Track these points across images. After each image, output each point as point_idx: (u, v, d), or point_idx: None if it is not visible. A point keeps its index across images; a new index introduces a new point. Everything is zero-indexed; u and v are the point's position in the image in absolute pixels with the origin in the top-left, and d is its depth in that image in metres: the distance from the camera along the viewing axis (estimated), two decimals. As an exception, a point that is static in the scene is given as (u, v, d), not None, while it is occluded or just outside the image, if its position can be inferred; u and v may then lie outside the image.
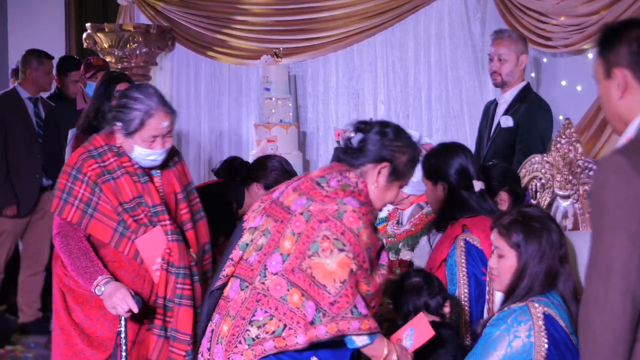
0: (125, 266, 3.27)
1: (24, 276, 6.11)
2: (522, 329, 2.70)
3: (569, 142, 3.64)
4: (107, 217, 3.23)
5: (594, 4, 5.00)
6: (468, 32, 6.31)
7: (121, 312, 3.12)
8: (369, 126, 2.80)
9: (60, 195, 3.26)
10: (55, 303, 3.36)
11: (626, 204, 1.96)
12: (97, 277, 3.15)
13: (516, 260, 2.81)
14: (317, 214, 2.59)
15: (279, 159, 4.23)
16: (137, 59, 7.51)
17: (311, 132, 7.22)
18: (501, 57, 4.66)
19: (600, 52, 2.16)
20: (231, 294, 2.70)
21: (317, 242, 2.56)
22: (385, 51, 6.80)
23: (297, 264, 2.57)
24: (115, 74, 4.75)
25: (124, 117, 3.25)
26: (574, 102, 5.25)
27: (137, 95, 3.27)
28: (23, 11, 8.73)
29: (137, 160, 3.30)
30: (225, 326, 2.65)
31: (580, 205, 3.60)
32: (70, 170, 3.27)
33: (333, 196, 2.63)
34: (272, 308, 2.57)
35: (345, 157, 2.78)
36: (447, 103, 6.49)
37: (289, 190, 2.74)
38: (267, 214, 2.73)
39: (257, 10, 7.33)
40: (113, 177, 3.26)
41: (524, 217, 2.84)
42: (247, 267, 2.68)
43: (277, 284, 2.57)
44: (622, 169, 1.97)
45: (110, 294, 3.12)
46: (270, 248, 2.63)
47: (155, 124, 3.24)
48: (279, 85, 6.72)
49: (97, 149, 3.31)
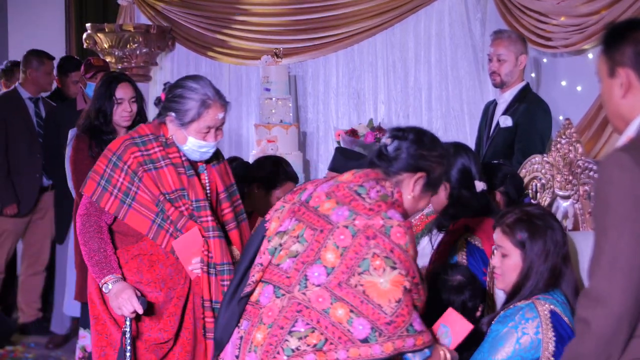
0: (163, 260, 3.23)
1: (24, 276, 6.11)
2: (530, 325, 2.71)
3: (569, 143, 3.64)
4: (146, 207, 3.17)
5: (594, 4, 4.99)
6: (468, 32, 6.31)
7: (126, 313, 3.12)
8: (406, 133, 2.73)
9: (99, 181, 3.20)
10: (90, 292, 3.32)
11: (630, 201, 1.97)
12: (107, 274, 3.15)
13: (521, 259, 2.81)
14: (364, 230, 2.52)
15: (279, 159, 4.23)
16: (137, 59, 7.51)
17: (311, 132, 7.22)
18: (500, 57, 4.67)
19: (604, 50, 2.17)
20: (263, 300, 2.61)
21: (368, 259, 2.49)
22: (386, 51, 6.80)
23: (345, 278, 2.49)
24: (115, 74, 4.75)
25: (179, 107, 3.20)
26: (574, 102, 5.25)
27: (194, 85, 3.22)
28: (23, 11, 8.73)
29: (187, 153, 3.24)
30: (259, 334, 2.56)
31: (580, 206, 3.60)
32: (111, 156, 3.21)
33: (377, 209, 2.56)
34: (314, 320, 2.48)
35: (381, 164, 2.70)
36: (448, 103, 6.49)
37: (321, 195, 2.65)
38: (297, 219, 2.65)
39: (258, 11, 7.33)
40: (156, 166, 3.19)
41: (528, 215, 2.83)
42: (281, 273, 2.60)
43: (320, 296, 2.49)
44: (626, 165, 1.98)
45: (116, 294, 3.13)
46: (309, 257, 2.55)
47: (212, 114, 3.20)
48: (279, 85, 6.72)
49: (142, 137, 3.25)
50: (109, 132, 4.43)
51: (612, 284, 1.98)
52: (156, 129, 3.26)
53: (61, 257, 5.56)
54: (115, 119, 4.44)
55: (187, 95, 3.19)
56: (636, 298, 1.97)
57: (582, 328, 2.03)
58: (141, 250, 3.22)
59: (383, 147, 2.73)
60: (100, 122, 4.41)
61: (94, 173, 3.22)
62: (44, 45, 6.69)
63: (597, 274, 2.02)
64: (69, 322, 5.78)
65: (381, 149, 2.73)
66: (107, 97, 4.42)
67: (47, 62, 6.09)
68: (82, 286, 4.51)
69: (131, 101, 4.46)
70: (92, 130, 4.42)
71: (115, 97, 4.42)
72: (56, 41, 8.49)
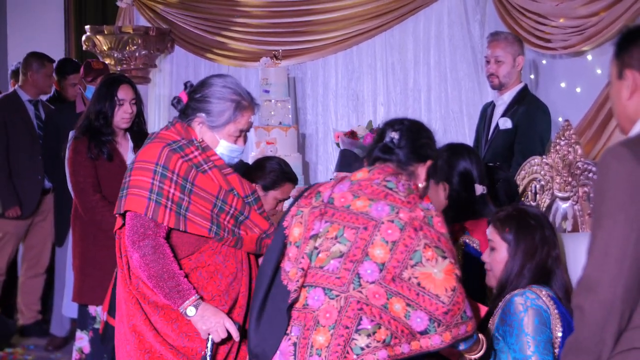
0: (222, 270, 3.00)
1: (24, 278, 6.11)
2: (536, 303, 2.73)
3: (568, 144, 3.64)
4: (200, 216, 2.95)
5: (593, 6, 5.00)
6: (467, 34, 6.31)
7: (217, 339, 2.89)
8: (405, 125, 2.77)
9: (148, 196, 2.90)
10: (134, 326, 2.98)
11: (626, 191, 2.02)
12: (186, 297, 2.87)
13: (507, 253, 2.84)
14: (411, 222, 2.53)
15: (277, 161, 4.23)
16: (136, 61, 7.51)
17: (310, 134, 7.22)
18: (498, 59, 4.66)
19: (616, 52, 2.22)
20: (313, 304, 2.57)
21: (419, 251, 2.50)
22: (385, 53, 6.80)
23: (397, 272, 2.49)
24: (116, 76, 4.75)
25: (211, 108, 3.02)
26: (574, 103, 5.25)
27: (227, 84, 3.05)
28: (22, 13, 8.72)
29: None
30: (320, 337, 2.52)
31: (579, 207, 3.60)
32: (155, 167, 2.93)
33: (413, 201, 2.59)
34: (377, 317, 2.49)
35: (391, 158, 2.72)
36: (447, 104, 6.49)
37: (346, 195, 2.65)
38: (328, 220, 2.63)
39: (257, 13, 7.33)
40: (202, 170, 2.98)
41: (520, 213, 2.88)
42: (328, 275, 2.57)
43: (376, 293, 2.49)
44: (624, 157, 2.03)
45: (207, 317, 2.88)
46: (356, 256, 2.54)
47: (247, 117, 3.06)
48: (278, 87, 6.72)
49: (176, 143, 2.99)
50: (109, 133, 4.42)
51: (603, 272, 2.03)
52: (185, 133, 3.04)
53: (60, 259, 5.56)
54: (116, 120, 4.44)
55: (221, 95, 3.02)
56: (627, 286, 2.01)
57: (578, 315, 2.09)
58: (199, 262, 2.99)
59: (389, 142, 2.74)
60: (101, 124, 4.41)
61: (138, 189, 2.92)
62: (43, 47, 6.69)
63: (590, 261, 2.07)
64: (68, 324, 5.78)
65: (387, 144, 2.74)
66: (108, 99, 4.42)
67: (48, 65, 6.09)
68: (79, 288, 4.51)
69: (132, 103, 4.46)
70: (92, 132, 4.42)
71: (117, 98, 4.41)
72: (55, 43, 8.48)
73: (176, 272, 2.90)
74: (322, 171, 7.09)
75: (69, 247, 5.15)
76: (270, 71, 6.71)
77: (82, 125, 4.46)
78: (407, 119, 2.82)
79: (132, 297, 2.99)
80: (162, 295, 2.90)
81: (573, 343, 2.10)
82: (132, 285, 3.00)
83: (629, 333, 2.04)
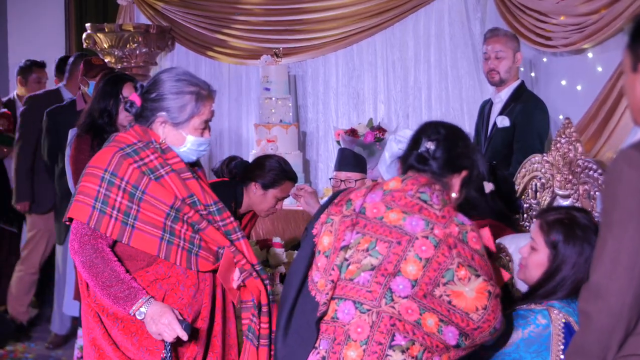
0: (183, 280, 2.88)
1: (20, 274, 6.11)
2: (538, 332, 2.67)
3: (568, 142, 3.64)
4: (151, 225, 2.81)
5: (593, 3, 4.99)
6: (468, 32, 6.31)
7: (168, 339, 2.76)
8: (441, 134, 2.69)
9: (93, 204, 2.77)
10: (94, 339, 2.89)
11: (637, 198, 1.99)
12: (134, 300, 2.74)
13: (547, 259, 2.77)
14: (446, 239, 2.50)
15: (277, 159, 4.23)
16: (137, 59, 7.51)
17: (311, 131, 7.22)
18: (499, 54, 4.67)
19: (629, 44, 2.17)
20: (343, 317, 2.53)
21: (452, 269, 2.48)
22: (385, 51, 6.80)
23: (429, 290, 2.48)
24: (120, 74, 4.76)
25: (170, 104, 2.87)
26: (574, 101, 5.25)
27: (181, 77, 2.89)
28: (23, 11, 8.73)
29: (185, 155, 2.92)
30: (351, 352, 2.49)
31: (580, 205, 3.60)
32: (103, 173, 2.80)
33: (448, 215, 2.55)
34: (410, 332, 2.47)
35: (426, 169, 2.67)
36: (447, 102, 6.49)
37: (379, 206, 2.60)
38: (360, 232, 2.57)
39: (257, 10, 7.33)
40: (156, 176, 2.83)
41: (571, 220, 2.78)
42: (358, 288, 2.53)
43: (409, 308, 2.47)
44: (635, 163, 2.01)
45: (154, 319, 2.74)
46: (388, 270, 2.50)
47: (209, 107, 2.90)
48: (279, 85, 6.72)
49: (131, 146, 2.85)
50: (112, 131, 4.42)
51: (612, 280, 2.01)
52: (143, 135, 2.89)
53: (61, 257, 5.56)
54: (120, 118, 4.44)
55: (177, 90, 2.87)
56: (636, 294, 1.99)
57: (584, 321, 2.08)
58: (157, 274, 2.86)
59: (424, 152, 2.68)
60: (105, 122, 4.41)
61: (83, 196, 2.79)
62: (44, 45, 6.72)
63: (599, 268, 2.05)
64: (69, 322, 5.78)
65: (422, 153, 2.68)
66: (113, 97, 4.42)
67: None
68: (81, 286, 4.52)
69: (135, 101, 4.46)
70: (95, 130, 4.42)
71: (122, 97, 4.42)
72: (56, 41, 8.49)
73: (121, 275, 2.76)
74: (323, 169, 7.09)
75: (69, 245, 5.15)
76: (270, 69, 6.71)
77: (84, 123, 4.46)
78: (443, 126, 2.73)
79: (90, 309, 2.89)
80: (111, 302, 2.77)
81: (578, 346, 2.09)
82: (89, 298, 2.89)
83: (633, 338, 2.03)
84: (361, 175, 4.61)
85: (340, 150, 4.85)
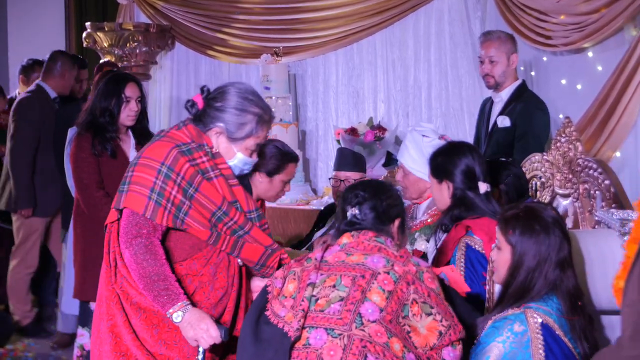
0: (213, 281, 2.90)
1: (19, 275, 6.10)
2: (518, 340, 2.64)
3: (569, 141, 3.65)
4: (199, 222, 2.86)
5: (593, 3, 4.99)
6: (468, 31, 6.31)
7: (204, 346, 2.79)
8: (364, 194, 2.80)
9: (149, 194, 2.80)
10: (114, 326, 2.88)
11: None
12: (175, 302, 2.76)
13: (510, 255, 2.77)
14: (404, 276, 2.62)
15: (274, 144, 4.21)
16: (137, 58, 7.52)
17: (311, 130, 7.22)
18: (492, 59, 4.66)
19: None
20: (316, 343, 2.57)
21: (407, 305, 2.59)
22: (385, 50, 6.81)
23: (394, 317, 2.58)
24: (123, 74, 4.77)
25: (232, 119, 2.92)
26: (574, 100, 5.24)
27: (249, 97, 2.94)
28: (23, 10, 8.73)
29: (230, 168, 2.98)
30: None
31: (580, 204, 3.60)
32: (160, 166, 2.82)
33: (405, 255, 2.69)
34: (381, 354, 2.53)
35: (370, 226, 2.77)
36: (447, 101, 6.49)
37: (339, 254, 2.70)
38: (325, 274, 2.66)
39: (257, 9, 7.33)
40: (207, 177, 2.88)
41: (527, 214, 2.78)
42: (329, 317, 2.59)
43: (377, 331, 2.55)
44: None
45: (192, 324, 2.76)
46: (356, 298, 2.59)
47: (266, 132, 2.98)
48: (279, 84, 6.73)
49: (186, 145, 2.89)
50: (113, 130, 4.43)
51: None
52: (196, 137, 2.93)
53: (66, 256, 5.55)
54: (122, 117, 4.45)
55: (243, 107, 2.92)
56: None
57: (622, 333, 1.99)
58: (190, 270, 2.89)
59: (352, 218, 2.78)
60: (106, 121, 4.41)
61: (139, 186, 2.82)
62: (44, 44, 6.72)
63: (631, 281, 1.96)
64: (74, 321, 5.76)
65: (351, 220, 2.78)
66: (115, 96, 4.42)
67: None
68: (81, 284, 4.52)
69: (137, 101, 4.48)
70: (96, 128, 4.42)
71: (124, 96, 4.42)
72: (56, 40, 8.49)
73: (167, 274, 2.79)
74: (323, 168, 7.09)
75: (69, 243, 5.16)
76: (270, 68, 6.71)
77: (85, 121, 4.46)
78: (362, 188, 2.84)
79: (114, 295, 2.89)
80: (151, 297, 2.79)
81: None
82: (116, 284, 2.90)
83: None
84: (360, 175, 4.60)
85: (339, 150, 4.84)
